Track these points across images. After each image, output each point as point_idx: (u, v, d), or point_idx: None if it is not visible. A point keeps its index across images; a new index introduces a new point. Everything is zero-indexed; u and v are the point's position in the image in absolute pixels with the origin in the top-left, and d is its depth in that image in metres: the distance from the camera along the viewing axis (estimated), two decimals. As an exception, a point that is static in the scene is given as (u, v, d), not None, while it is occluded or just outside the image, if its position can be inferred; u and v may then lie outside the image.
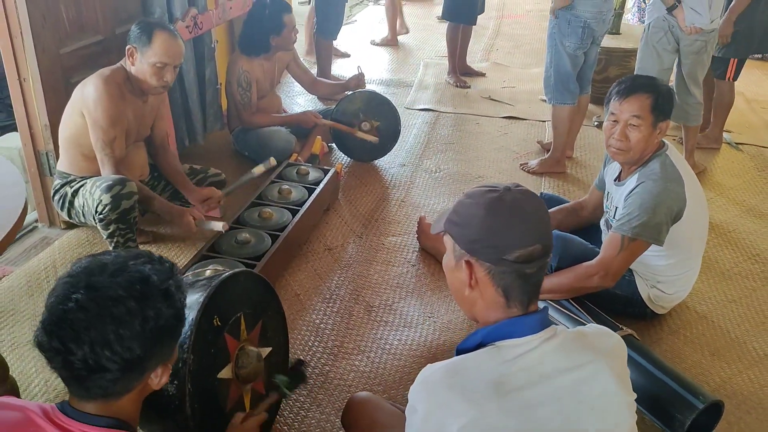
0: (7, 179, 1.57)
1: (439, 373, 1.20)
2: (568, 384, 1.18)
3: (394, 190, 3.41)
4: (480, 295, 1.25)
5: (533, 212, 1.24)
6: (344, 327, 2.36)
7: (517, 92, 5.02)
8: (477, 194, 1.27)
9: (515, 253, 1.20)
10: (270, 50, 3.43)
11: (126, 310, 1.05)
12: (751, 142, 4.25)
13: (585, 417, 1.18)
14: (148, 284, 1.09)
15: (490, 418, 1.13)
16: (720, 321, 2.50)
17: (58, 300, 1.05)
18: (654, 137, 2.20)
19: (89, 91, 2.36)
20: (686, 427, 1.86)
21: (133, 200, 2.32)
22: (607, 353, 1.24)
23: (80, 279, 1.07)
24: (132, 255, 1.14)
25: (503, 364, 1.17)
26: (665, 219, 2.16)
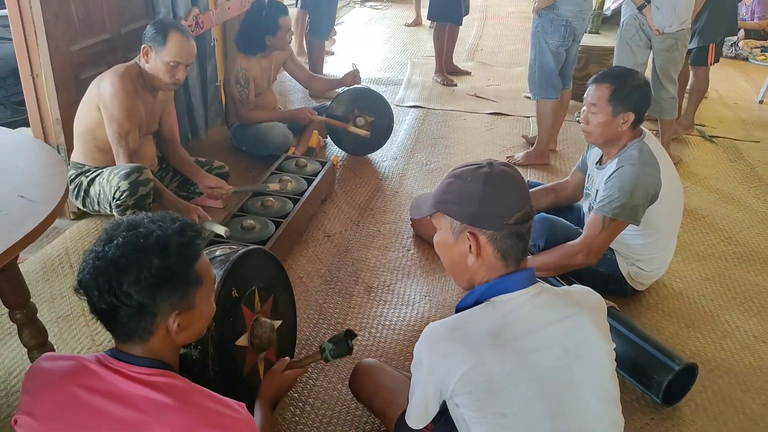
0: (47, 160, 1.71)
1: (441, 328, 1.37)
2: (557, 333, 1.35)
3: (387, 182, 3.58)
4: (482, 262, 1.40)
5: (517, 179, 1.44)
6: (346, 306, 2.52)
7: (501, 90, 5.21)
8: (467, 172, 1.43)
9: (514, 217, 1.37)
10: (266, 50, 3.58)
11: (126, 261, 1.19)
12: (723, 135, 4.47)
13: (572, 362, 1.35)
14: (148, 239, 1.21)
15: (489, 364, 1.30)
16: (695, 297, 2.68)
17: (88, 252, 1.24)
18: (615, 125, 2.37)
19: (105, 87, 2.49)
20: (663, 387, 2.04)
21: (149, 187, 2.46)
22: (589, 307, 1.42)
23: (104, 234, 1.24)
24: (153, 216, 1.28)
25: (499, 317, 1.34)
26: (642, 201, 2.34)
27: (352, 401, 2.02)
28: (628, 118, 2.34)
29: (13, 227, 1.36)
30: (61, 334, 2.27)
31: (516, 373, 1.31)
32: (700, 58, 4.15)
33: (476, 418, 1.33)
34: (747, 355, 2.37)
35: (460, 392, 1.32)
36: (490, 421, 1.32)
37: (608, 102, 2.34)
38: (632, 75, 2.41)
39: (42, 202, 1.45)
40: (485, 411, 1.32)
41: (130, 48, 3.21)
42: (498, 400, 1.31)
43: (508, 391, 1.31)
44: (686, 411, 2.10)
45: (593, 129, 2.40)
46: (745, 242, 3.14)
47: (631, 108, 2.33)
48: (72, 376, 1.22)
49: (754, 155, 4.21)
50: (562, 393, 1.34)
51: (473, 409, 1.33)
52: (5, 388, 2.02)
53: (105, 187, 2.49)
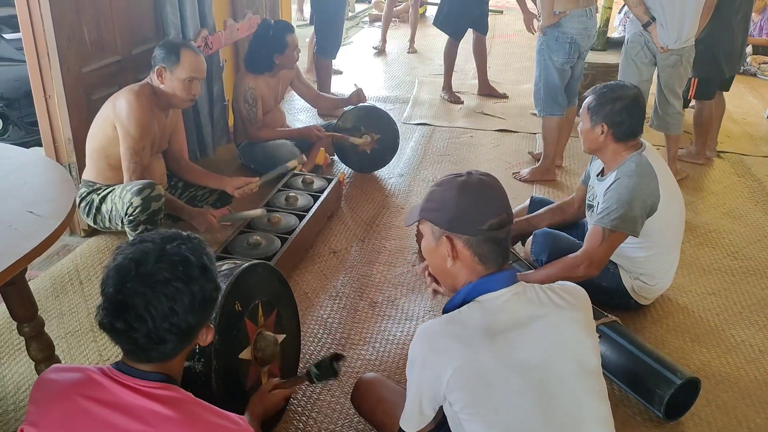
0: (57, 177, 1.76)
1: (434, 325, 1.44)
2: (543, 328, 1.40)
3: (393, 198, 3.61)
4: (461, 264, 1.47)
5: (495, 188, 1.51)
6: (350, 321, 2.54)
7: (508, 107, 5.25)
8: (446, 181, 1.52)
9: (488, 223, 1.44)
10: (273, 68, 3.64)
11: (175, 289, 1.22)
12: (731, 150, 4.47)
13: (558, 356, 1.39)
14: (189, 264, 1.25)
15: (482, 359, 1.35)
16: (700, 311, 2.68)
17: (116, 289, 1.22)
18: (594, 135, 2.44)
19: (122, 105, 2.56)
20: (665, 401, 2.03)
21: (161, 203, 2.52)
22: (573, 303, 1.47)
23: (129, 268, 1.23)
24: (166, 237, 1.30)
25: (487, 314, 1.40)
26: (640, 212, 2.35)
27: (354, 415, 2.03)
28: (604, 129, 2.40)
29: (21, 241, 1.41)
30: (70, 350, 2.31)
31: (506, 367, 1.35)
32: None
33: (469, 415, 1.37)
34: (752, 369, 2.36)
35: (453, 388, 1.35)
36: (484, 417, 1.36)
37: (586, 112, 2.45)
38: (614, 89, 2.44)
39: (50, 218, 1.50)
40: (478, 407, 1.36)
41: (140, 69, 3.28)
42: (490, 395, 1.35)
43: (499, 385, 1.34)
44: (690, 425, 2.10)
45: (581, 136, 2.52)
46: (751, 257, 3.13)
47: (602, 119, 2.40)
48: (78, 387, 1.26)
49: (762, 170, 4.20)
50: (549, 387, 1.37)
51: (467, 405, 1.36)
52: (14, 402, 2.06)
53: (117, 204, 2.55)
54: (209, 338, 1.35)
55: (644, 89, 3.72)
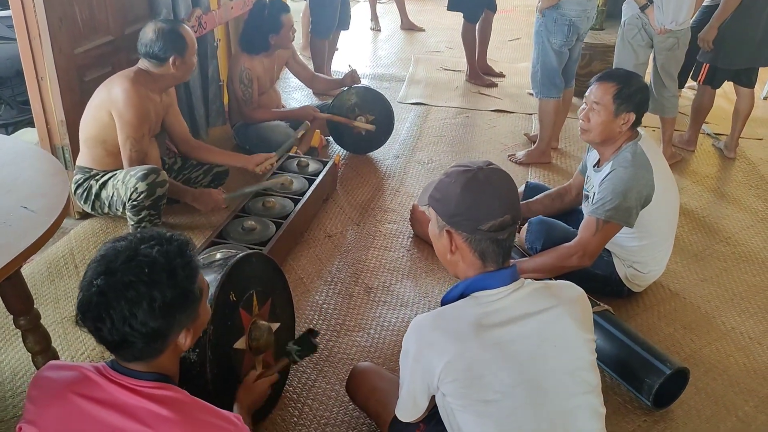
0: (49, 169, 1.74)
1: (427, 319, 1.46)
2: (535, 325, 1.42)
3: (388, 181, 3.60)
4: (460, 258, 1.49)
5: (502, 187, 1.49)
6: (345, 307, 2.56)
7: (505, 86, 5.22)
8: (454, 174, 1.50)
9: (488, 224, 1.44)
10: (269, 48, 3.60)
11: (136, 293, 1.20)
12: (726, 132, 4.44)
13: (549, 352, 1.42)
14: (155, 268, 1.23)
15: (471, 352, 1.37)
16: (692, 298, 2.71)
17: (85, 285, 1.23)
18: (615, 125, 2.38)
19: (118, 93, 2.54)
20: (654, 390, 2.06)
21: (165, 188, 2.54)
22: (568, 300, 1.48)
23: (101, 265, 1.23)
24: (145, 237, 1.28)
25: (480, 309, 1.42)
26: (635, 203, 2.36)
27: (349, 403, 2.06)
28: (629, 119, 2.36)
29: (16, 239, 1.40)
30: (66, 336, 2.32)
31: (496, 361, 1.38)
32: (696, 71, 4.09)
33: (461, 406, 1.40)
34: (741, 356, 2.40)
35: (445, 380, 1.38)
36: (474, 408, 1.39)
37: (612, 101, 2.35)
38: (636, 77, 2.44)
39: (44, 213, 1.49)
40: (469, 399, 1.39)
41: (134, 49, 3.20)
42: (481, 387, 1.37)
43: (489, 378, 1.37)
44: (679, 413, 2.13)
45: (593, 127, 2.41)
46: (744, 242, 3.15)
47: (633, 109, 2.35)
48: (74, 386, 1.26)
49: (756, 153, 4.21)
50: (541, 381, 1.40)
51: (458, 397, 1.40)
52: (11, 389, 2.08)
53: (120, 189, 2.55)
54: (188, 343, 1.33)
55: (640, 72, 3.69)
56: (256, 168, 3.02)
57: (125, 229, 2.91)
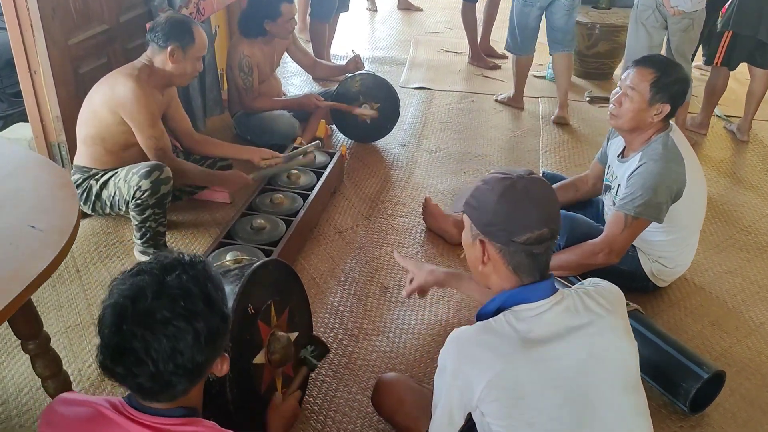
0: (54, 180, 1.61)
1: (468, 332, 1.36)
2: (580, 340, 1.33)
3: (397, 171, 3.49)
4: (493, 269, 1.40)
5: (542, 198, 1.39)
6: (362, 309, 2.45)
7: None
8: (492, 181, 1.40)
9: (524, 236, 1.35)
10: (266, 34, 3.45)
11: (176, 329, 1.10)
12: (738, 114, 4.35)
13: (596, 367, 1.33)
14: (191, 298, 1.12)
15: (516, 371, 1.28)
16: (717, 292, 2.63)
17: (111, 331, 1.10)
18: (648, 114, 2.26)
19: (125, 93, 2.40)
20: (691, 396, 1.98)
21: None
22: (610, 310, 1.39)
23: (125, 307, 1.10)
24: (165, 266, 1.16)
25: (523, 325, 1.33)
26: (665, 198, 2.26)
27: (373, 414, 1.96)
28: (663, 110, 2.25)
29: (26, 263, 1.27)
30: (71, 346, 2.20)
31: (542, 380, 1.30)
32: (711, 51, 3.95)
33: (503, 427, 1.31)
34: (773, 354, 2.32)
35: (486, 400, 1.30)
36: (518, 430, 1.30)
37: (648, 88, 2.23)
38: (677, 66, 2.32)
39: (54, 232, 1.35)
40: (512, 419, 1.30)
41: (129, 38, 3.09)
42: (525, 408, 1.29)
43: (535, 398, 1.29)
44: (715, 416, 2.06)
45: (623, 113, 2.29)
46: (765, 231, 3.07)
47: (668, 99, 2.24)
48: (89, 425, 1.16)
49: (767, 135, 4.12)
50: (588, 400, 1.32)
51: (500, 417, 1.31)
52: (17, 407, 1.96)
53: (122, 188, 2.43)
54: (225, 368, 1.24)
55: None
56: (262, 162, 2.90)
57: (127, 228, 2.78)
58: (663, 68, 2.27)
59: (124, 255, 2.66)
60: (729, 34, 3.74)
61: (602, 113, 4.32)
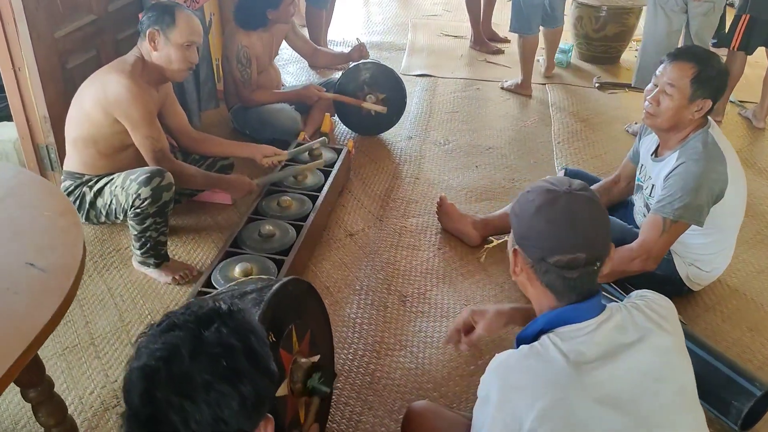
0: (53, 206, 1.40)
1: (512, 358, 1.24)
2: (632, 359, 1.22)
3: (405, 166, 3.31)
4: (527, 281, 1.31)
5: (584, 220, 1.26)
6: (381, 320, 2.30)
7: (512, 52, 4.86)
8: (536, 191, 1.30)
9: (555, 258, 1.23)
10: (267, 24, 3.25)
11: (219, 394, 0.92)
12: (749, 99, 4.22)
13: (651, 387, 1.21)
14: (234, 356, 0.95)
15: (570, 398, 1.17)
16: (752, 294, 2.50)
17: (142, 400, 0.92)
18: (688, 111, 2.12)
19: (118, 91, 2.20)
20: (743, 414, 1.86)
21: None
22: (662, 325, 1.27)
23: (157, 370, 0.92)
24: (201, 319, 0.98)
25: (570, 347, 1.21)
26: (707, 200, 2.12)
27: (404, 441, 1.81)
28: (704, 106, 2.10)
29: (28, 313, 1.07)
30: (70, 370, 2.03)
31: (597, 406, 1.17)
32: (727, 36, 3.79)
33: None
34: (818, 362, 2.20)
35: (538, 430, 1.16)
36: None
37: (689, 85, 2.07)
38: (715, 57, 2.15)
39: (58, 272, 1.15)
40: None
41: (119, 29, 2.88)
42: None
43: (594, 426, 1.17)
44: None
45: (663, 112, 2.13)
46: (792, 225, 2.95)
47: (710, 95, 2.08)
48: None
49: (785, 122, 3.98)
50: (648, 424, 1.19)
51: None
52: (14, 444, 1.80)
53: (119, 196, 2.23)
54: (270, 430, 1.08)
55: (674, 40, 3.44)
56: (264, 160, 2.72)
57: (123, 235, 2.60)
58: (703, 61, 2.11)
59: (122, 265, 2.48)
60: (746, 17, 3.59)
61: (612, 100, 4.18)
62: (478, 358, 2.14)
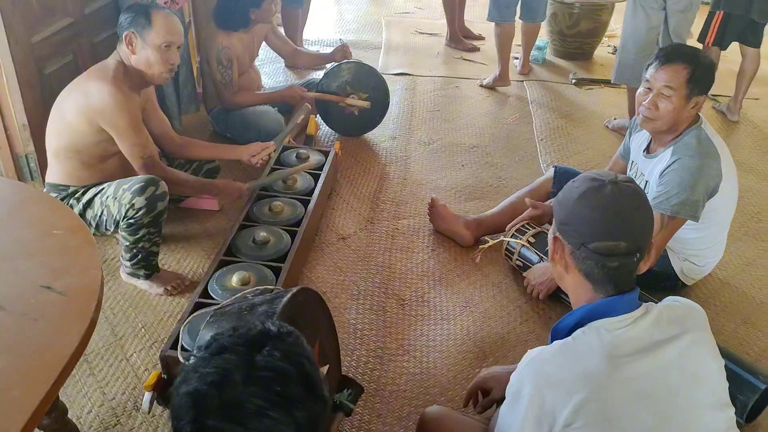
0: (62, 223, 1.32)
1: (547, 353, 1.24)
2: (669, 355, 1.23)
3: (392, 167, 3.28)
4: (565, 270, 1.31)
5: (628, 209, 1.27)
6: (381, 325, 2.27)
7: (487, 49, 4.89)
8: (581, 179, 1.32)
9: (594, 243, 1.24)
10: (249, 24, 3.19)
11: (273, 421, 0.88)
12: (722, 93, 4.30)
13: (689, 385, 1.22)
14: (288, 381, 0.91)
15: (606, 392, 1.16)
16: (743, 286, 2.54)
17: (193, 427, 0.87)
18: (686, 110, 2.15)
19: (101, 98, 2.11)
20: (748, 408, 1.88)
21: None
22: (696, 324, 1.30)
23: (209, 396, 0.88)
24: (252, 342, 0.93)
25: (607, 340, 1.21)
26: (702, 195, 2.14)
27: (415, 448, 1.79)
28: (700, 101, 2.12)
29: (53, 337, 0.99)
30: (64, 389, 1.94)
31: (633, 401, 1.17)
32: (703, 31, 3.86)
33: None
34: (811, 352, 2.25)
35: (573, 425, 1.16)
36: None
37: (685, 85, 2.09)
38: (702, 53, 2.18)
39: (77, 294, 1.07)
40: None
41: (95, 32, 2.80)
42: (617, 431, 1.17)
43: (629, 420, 1.17)
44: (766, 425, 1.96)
45: (663, 116, 2.14)
46: (774, 217, 3.01)
47: (704, 91, 2.11)
48: None
49: (757, 114, 4.08)
50: (683, 420, 1.20)
51: None
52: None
53: (111, 207, 2.15)
54: None
55: (653, 37, 3.46)
56: (252, 159, 2.65)
57: (108, 244, 2.52)
58: (693, 60, 2.13)
59: (110, 277, 2.40)
60: (720, 14, 3.66)
61: (590, 96, 4.22)
62: (482, 360, 2.13)
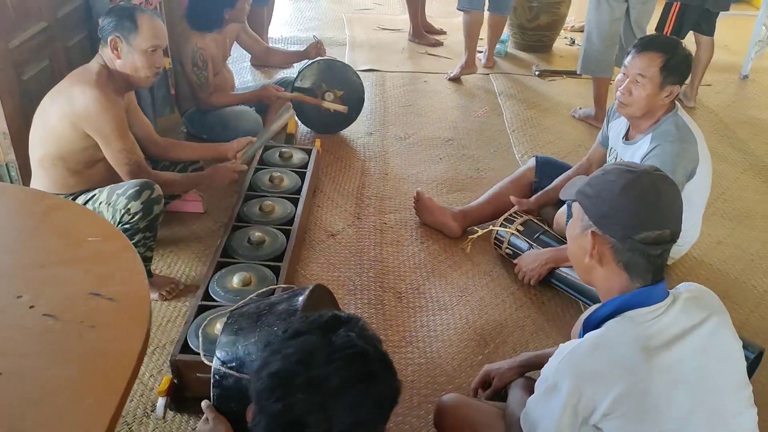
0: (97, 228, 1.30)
1: (583, 346, 1.28)
2: (696, 341, 1.28)
3: (371, 163, 3.31)
4: (599, 263, 1.32)
5: (667, 198, 1.32)
6: (381, 318, 2.30)
7: (450, 44, 4.97)
8: (615, 172, 1.33)
9: (642, 234, 1.27)
10: (223, 25, 3.16)
11: (358, 394, 0.94)
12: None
13: (716, 368, 1.29)
14: (367, 359, 0.98)
15: (644, 382, 1.21)
16: (716, 263, 2.68)
17: (284, 405, 0.92)
18: (659, 98, 2.25)
19: (86, 103, 2.06)
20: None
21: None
22: (717, 309, 1.36)
23: (296, 373, 0.94)
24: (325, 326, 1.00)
25: (642, 331, 1.26)
26: (682, 179, 2.25)
27: (429, 435, 1.84)
28: (674, 90, 2.22)
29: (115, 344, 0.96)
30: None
31: (672, 387, 1.23)
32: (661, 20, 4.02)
33: None
34: (785, 321, 2.39)
35: (612, 415, 1.22)
36: None
37: (659, 73, 2.19)
38: (680, 44, 2.28)
39: (129, 301, 1.05)
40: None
41: (68, 35, 2.73)
42: (657, 419, 1.23)
43: (666, 407, 1.23)
44: (754, 393, 2.08)
45: (636, 101, 2.24)
46: (737, 197, 3.17)
47: (678, 80, 2.21)
48: None
49: (711, 100, 4.27)
50: (713, 401, 1.27)
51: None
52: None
53: (105, 213, 2.11)
54: None
55: (616, 28, 3.60)
56: (239, 155, 2.62)
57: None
58: (669, 49, 2.24)
59: (102, 284, 2.36)
60: (677, 5, 3.82)
61: (553, 87, 4.34)
62: (484, 347, 2.19)
